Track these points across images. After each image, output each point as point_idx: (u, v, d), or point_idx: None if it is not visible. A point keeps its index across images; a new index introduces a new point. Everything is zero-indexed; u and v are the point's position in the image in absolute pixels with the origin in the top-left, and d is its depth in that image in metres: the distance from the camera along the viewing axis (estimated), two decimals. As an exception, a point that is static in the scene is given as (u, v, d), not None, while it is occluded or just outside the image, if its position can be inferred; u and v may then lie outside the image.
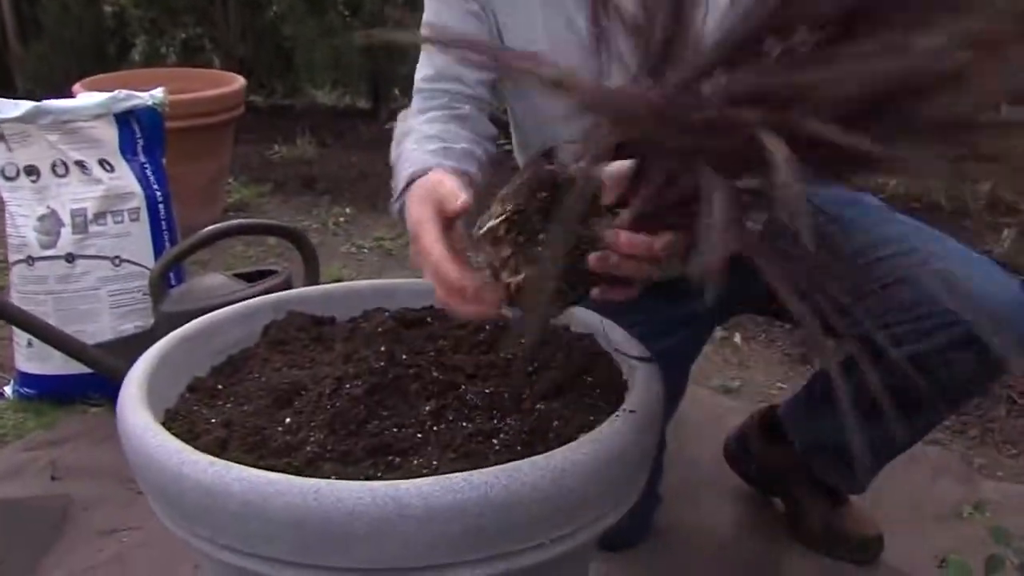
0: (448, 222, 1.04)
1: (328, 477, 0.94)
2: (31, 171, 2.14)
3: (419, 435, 1.02)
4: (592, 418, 1.05)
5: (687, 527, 1.73)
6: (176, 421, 1.07)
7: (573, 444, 0.94)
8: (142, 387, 1.06)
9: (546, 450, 0.97)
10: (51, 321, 2.06)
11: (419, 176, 1.15)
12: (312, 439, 1.01)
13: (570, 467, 0.91)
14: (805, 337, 1.41)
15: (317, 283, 2.14)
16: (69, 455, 1.97)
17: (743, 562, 1.65)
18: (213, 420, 1.06)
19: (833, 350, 0.97)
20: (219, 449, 0.99)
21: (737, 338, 2.56)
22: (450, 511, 0.86)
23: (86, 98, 2.19)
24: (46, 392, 2.21)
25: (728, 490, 1.85)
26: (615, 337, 1.20)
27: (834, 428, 1.54)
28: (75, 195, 2.15)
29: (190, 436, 1.02)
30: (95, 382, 2.08)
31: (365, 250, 3.21)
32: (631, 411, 1.01)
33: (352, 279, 2.91)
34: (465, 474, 0.88)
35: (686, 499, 1.80)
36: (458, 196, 1.04)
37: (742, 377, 2.38)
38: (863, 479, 1.59)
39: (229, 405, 1.11)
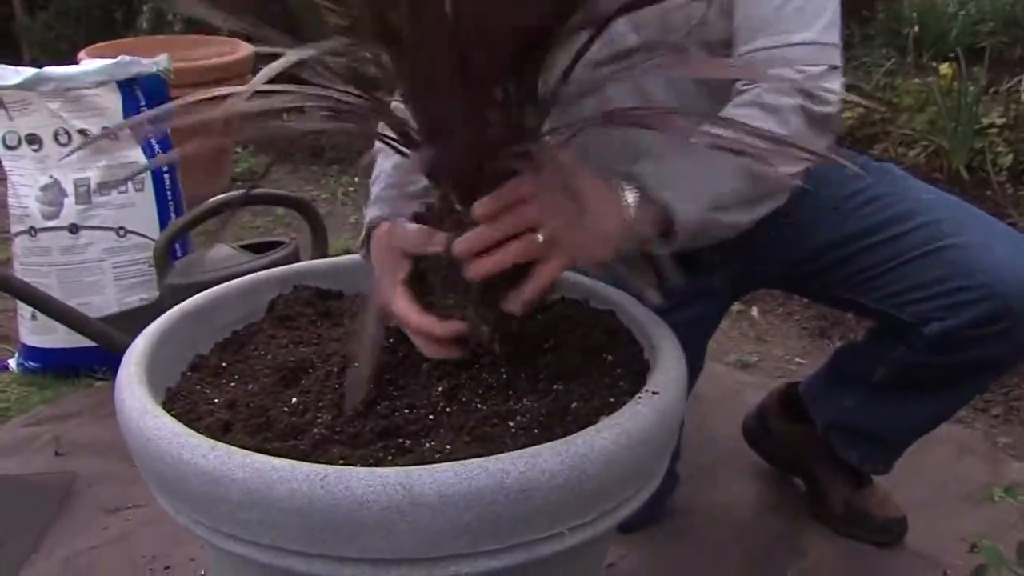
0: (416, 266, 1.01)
1: (336, 461, 0.89)
2: (33, 140, 2.09)
3: (431, 417, 0.97)
4: (612, 399, 1.00)
5: (704, 507, 1.69)
6: (177, 401, 1.02)
7: (594, 428, 0.89)
8: (141, 365, 1.01)
9: (565, 433, 0.92)
10: (55, 293, 2.02)
11: (376, 226, 1.13)
12: (319, 421, 0.97)
13: (591, 453, 0.86)
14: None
15: (325, 254, 2.10)
16: (74, 430, 1.94)
17: (762, 543, 1.60)
18: (216, 400, 1.02)
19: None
20: (222, 432, 0.95)
21: (754, 311, 2.51)
22: (464, 499, 0.81)
23: (88, 65, 2.14)
24: (50, 365, 2.17)
25: (747, 468, 1.80)
26: (635, 313, 1.15)
27: (857, 406, 1.50)
28: (78, 164, 2.10)
29: (192, 417, 0.98)
30: (100, 355, 2.04)
31: (375, 221, 3.16)
32: (654, 393, 0.96)
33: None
34: (480, 460, 0.83)
35: (704, 478, 1.75)
36: (426, 239, 0.98)
37: (759, 352, 2.33)
38: (887, 459, 1.54)
39: (233, 384, 1.07)
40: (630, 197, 1.04)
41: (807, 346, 2.37)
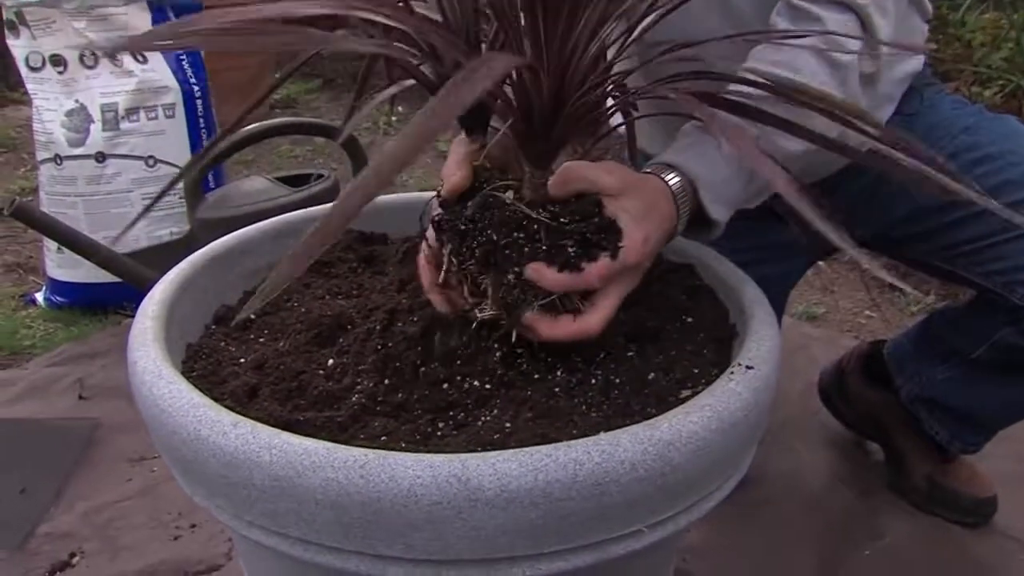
0: None
1: (378, 436, 0.77)
2: (57, 61, 1.97)
3: (488, 386, 0.84)
4: (696, 370, 0.87)
5: (776, 476, 1.55)
6: (198, 361, 0.90)
7: (681, 410, 0.76)
8: (159, 319, 0.89)
9: (642, 408, 0.81)
10: (81, 225, 1.92)
11: None
12: (359, 387, 0.84)
13: (677, 439, 0.73)
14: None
15: (367, 189, 1.96)
16: (99, 372, 1.84)
17: (837, 519, 1.47)
18: (242, 360, 0.90)
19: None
20: (247, 398, 0.83)
21: (820, 259, 2.35)
22: (530, 495, 0.68)
23: (117, -19, 2.00)
24: (77, 301, 2.08)
25: (818, 432, 1.67)
26: (719, 269, 1.01)
27: (950, 382, 1.35)
28: (105, 88, 1.98)
29: (214, 381, 0.86)
30: (130, 291, 1.91)
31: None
32: (748, 367, 0.82)
33: (405, 184, 2.73)
34: (549, 448, 0.70)
35: (774, 442, 1.62)
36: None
37: (826, 303, 2.19)
38: (978, 441, 1.40)
39: (262, 341, 0.94)
40: (673, 182, 0.90)
41: (876, 298, 2.22)
